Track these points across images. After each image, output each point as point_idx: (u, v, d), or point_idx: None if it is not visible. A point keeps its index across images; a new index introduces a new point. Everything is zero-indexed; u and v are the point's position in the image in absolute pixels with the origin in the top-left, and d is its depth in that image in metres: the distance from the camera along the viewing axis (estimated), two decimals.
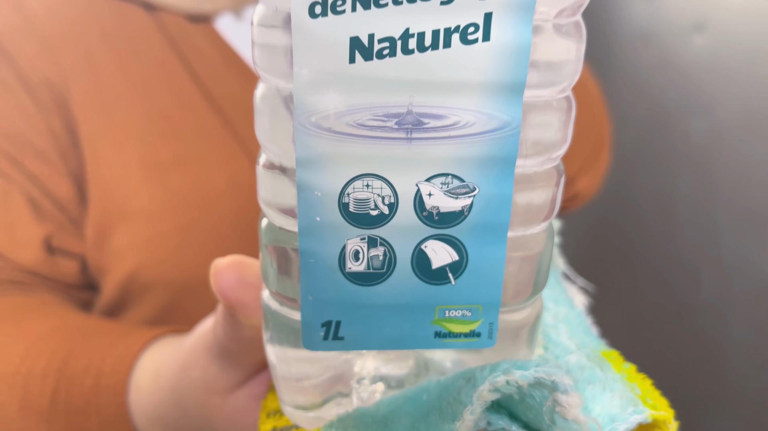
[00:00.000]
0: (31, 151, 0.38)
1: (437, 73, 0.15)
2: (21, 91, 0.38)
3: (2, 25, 0.39)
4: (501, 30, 0.15)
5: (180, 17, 0.42)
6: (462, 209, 0.17)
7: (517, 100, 0.16)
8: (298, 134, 0.16)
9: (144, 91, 0.39)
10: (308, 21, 0.15)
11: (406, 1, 0.15)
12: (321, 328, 0.18)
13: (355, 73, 0.15)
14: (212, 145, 0.40)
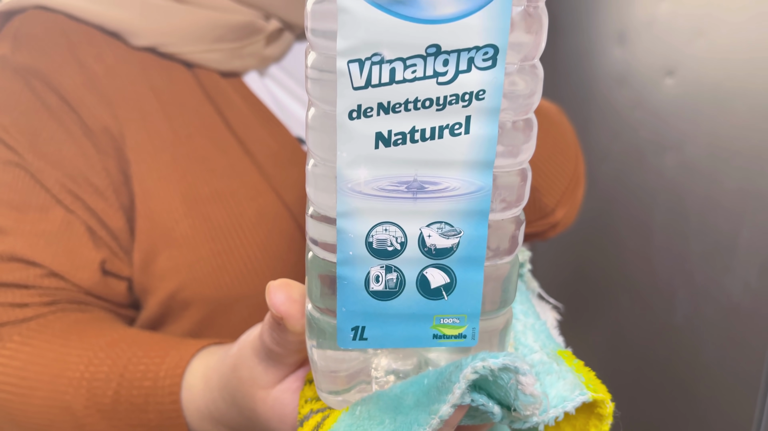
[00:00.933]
0: (91, 189, 0.45)
1: (434, 155, 0.22)
2: (83, 139, 0.45)
3: (68, 82, 0.45)
4: (477, 127, 0.22)
5: (214, 73, 0.49)
6: (452, 246, 0.24)
7: (489, 172, 0.23)
8: (340, 195, 0.23)
9: (186, 136, 0.46)
10: (347, 122, 0.22)
11: (413, 109, 0.22)
12: (351, 331, 0.25)
13: (378, 155, 0.22)
14: (243, 182, 0.46)
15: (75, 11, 0.46)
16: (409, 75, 0.21)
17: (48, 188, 0.44)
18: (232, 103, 0.48)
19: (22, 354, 0.41)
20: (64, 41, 0.46)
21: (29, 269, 0.43)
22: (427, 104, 0.22)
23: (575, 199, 0.60)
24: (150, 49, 0.47)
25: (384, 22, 0.21)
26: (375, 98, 0.22)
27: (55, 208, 0.44)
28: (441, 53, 0.21)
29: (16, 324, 0.43)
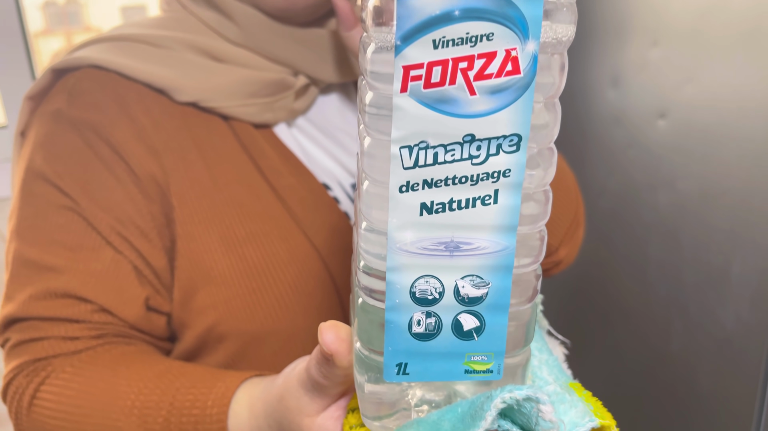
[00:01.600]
0: (137, 232, 0.49)
1: (468, 221, 0.27)
2: (131, 186, 0.50)
3: (119, 134, 0.50)
4: (503, 198, 0.27)
5: (249, 125, 0.54)
6: (482, 295, 0.28)
7: (513, 235, 0.28)
8: (390, 253, 0.28)
9: (224, 183, 0.51)
10: (398, 194, 0.27)
11: (451, 184, 0.27)
12: (395, 367, 0.29)
13: (422, 221, 0.27)
14: (276, 225, 0.51)
15: (126, 70, 0.51)
16: (449, 158, 0.26)
17: (99, 230, 0.48)
18: (265, 152, 0.53)
19: (75, 384, 0.46)
20: (115, 97, 0.51)
21: (81, 305, 0.48)
22: (463, 180, 0.27)
23: (576, 239, 0.65)
24: (192, 104, 0.52)
25: (429, 117, 0.26)
26: (421, 176, 0.26)
27: (105, 248, 0.49)
28: (475, 140, 0.26)
29: (68, 356, 0.47)
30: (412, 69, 0.25)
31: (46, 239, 0.48)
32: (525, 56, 0.25)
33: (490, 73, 0.25)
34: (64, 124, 0.50)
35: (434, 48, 0.25)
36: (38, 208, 0.49)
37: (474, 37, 0.25)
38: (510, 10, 0.24)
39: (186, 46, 0.53)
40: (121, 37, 0.54)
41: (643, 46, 1.02)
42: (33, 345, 0.47)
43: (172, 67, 0.52)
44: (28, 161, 0.50)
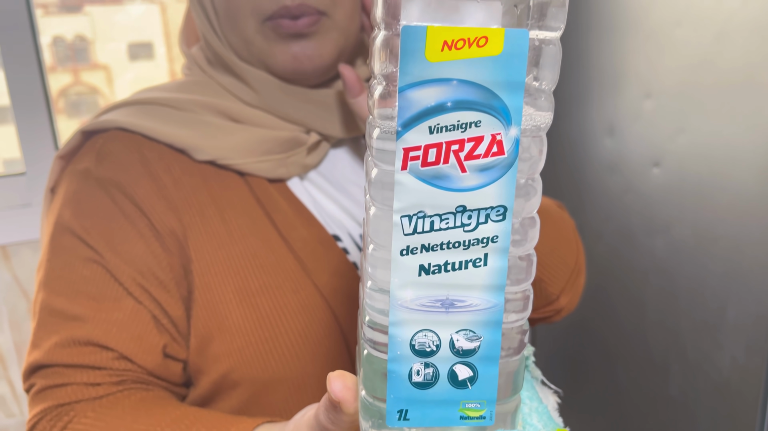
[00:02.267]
0: (157, 283, 0.53)
1: (461, 281, 0.31)
2: (152, 240, 0.53)
3: (142, 192, 0.54)
4: (492, 261, 0.31)
5: (263, 180, 0.58)
6: (475, 348, 0.32)
7: (501, 293, 0.31)
8: (392, 309, 0.31)
9: (239, 236, 0.55)
10: (399, 257, 0.30)
11: (446, 248, 0.30)
12: (397, 413, 0.32)
13: (420, 281, 0.31)
14: (288, 277, 0.55)
15: (149, 132, 0.56)
16: (444, 225, 0.30)
17: (121, 282, 0.52)
18: (278, 206, 0.57)
19: (96, 429, 0.49)
20: (139, 157, 0.55)
21: (103, 353, 0.51)
22: (456, 245, 0.30)
23: (577, 287, 0.67)
24: (210, 162, 0.56)
25: (426, 191, 0.29)
26: (419, 241, 0.30)
27: (127, 299, 0.52)
28: (466, 211, 0.30)
29: (89, 402, 0.50)
30: (411, 151, 0.29)
31: (72, 290, 0.52)
32: (508, 140, 0.29)
33: (478, 154, 0.29)
34: (92, 183, 0.54)
35: (430, 133, 0.29)
36: (66, 261, 0.53)
37: (464, 124, 0.28)
38: (495, 101, 0.28)
39: (205, 108, 0.58)
40: (146, 100, 0.58)
41: (637, 97, 1.07)
42: (57, 391, 0.50)
43: (192, 128, 0.57)
44: (58, 216, 0.54)
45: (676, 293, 1.05)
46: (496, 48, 0.28)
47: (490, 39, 0.28)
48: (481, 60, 0.28)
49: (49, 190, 0.58)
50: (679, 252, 1.03)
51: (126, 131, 0.56)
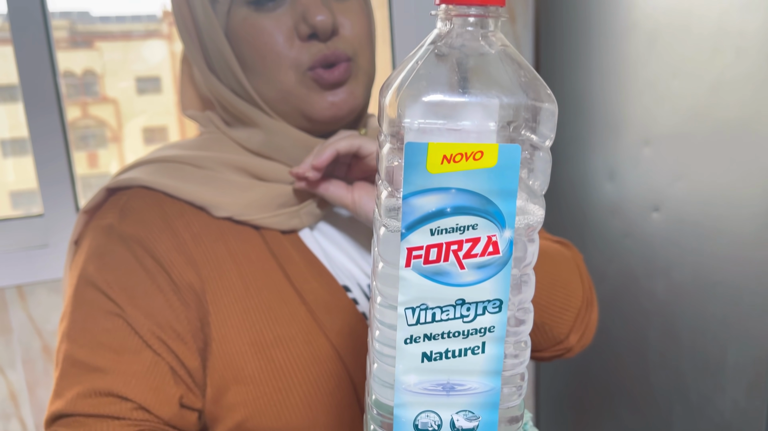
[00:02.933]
0: (174, 335, 0.55)
1: (461, 367, 0.33)
2: (171, 294, 0.56)
3: (162, 248, 0.57)
4: (489, 349, 0.33)
5: (277, 232, 0.61)
6: (473, 427, 0.34)
7: (498, 378, 0.34)
8: (396, 392, 0.34)
9: (254, 290, 0.57)
10: (404, 346, 0.33)
11: (447, 337, 0.33)
12: None
13: (423, 367, 0.33)
14: (300, 329, 0.57)
15: (170, 190, 0.59)
16: (444, 317, 0.33)
17: (141, 335, 0.55)
18: (291, 258, 0.60)
19: None
20: (160, 214, 0.58)
21: (122, 403, 0.53)
22: (456, 335, 0.33)
23: (589, 323, 0.68)
24: (228, 218, 0.59)
25: (428, 286, 0.32)
26: (422, 331, 0.33)
27: (146, 351, 0.54)
28: (465, 304, 0.32)
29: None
30: (414, 250, 0.32)
31: (94, 342, 0.54)
32: (503, 240, 0.32)
33: (475, 253, 0.32)
34: (115, 238, 0.57)
35: (431, 235, 0.31)
36: (88, 313, 0.55)
37: (462, 227, 0.31)
38: (490, 207, 0.31)
39: (224, 165, 0.61)
40: (167, 158, 0.61)
41: (637, 144, 1.09)
42: None
43: (211, 186, 0.60)
44: (81, 269, 0.57)
45: (678, 335, 1.07)
46: (490, 161, 0.31)
47: (485, 153, 0.31)
48: (478, 171, 0.31)
49: (73, 242, 0.61)
50: (680, 295, 1.05)
51: (148, 189, 0.59)
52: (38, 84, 1.12)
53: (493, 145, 0.30)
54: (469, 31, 0.32)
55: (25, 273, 1.14)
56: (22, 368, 1.19)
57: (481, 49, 0.32)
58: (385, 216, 0.33)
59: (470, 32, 0.32)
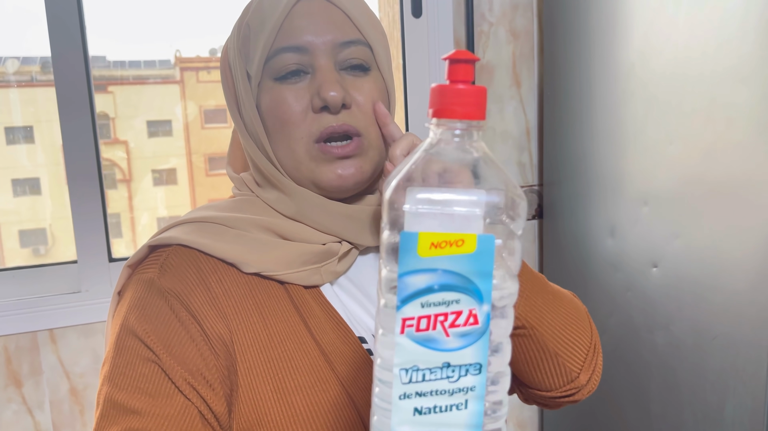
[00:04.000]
0: (204, 382, 0.61)
1: (447, 421, 0.39)
2: (203, 344, 0.62)
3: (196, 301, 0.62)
4: (471, 406, 0.39)
5: (300, 287, 0.67)
6: None
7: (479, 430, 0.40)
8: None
9: (278, 341, 0.63)
10: (398, 401, 0.39)
11: (435, 395, 0.39)
12: None
13: (415, 419, 0.39)
14: (319, 377, 0.62)
15: (205, 248, 0.65)
16: (433, 377, 0.39)
17: (174, 381, 0.60)
18: (312, 311, 0.66)
19: None
20: (195, 270, 0.65)
21: None
22: (442, 393, 0.39)
23: (596, 366, 0.73)
24: (256, 274, 0.66)
25: (419, 350, 0.38)
26: (414, 389, 0.39)
27: (178, 396, 0.60)
28: (450, 366, 0.39)
29: None
30: (407, 320, 0.38)
31: (132, 386, 0.60)
32: (482, 313, 0.38)
33: (459, 323, 0.38)
34: (155, 291, 0.64)
35: (422, 307, 0.38)
36: (128, 360, 0.61)
37: (447, 301, 0.38)
38: (470, 285, 0.38)
39: (253, 226, 0.68)
40: (202, 219, 0.69)
41: (636, 203, 1.15)
42: None
43: (241, 245, 0.66)
44: (123, 319, 0.63)
45: (678, 386, 1.10)
46: (470, 247, 0.37)
47: (466, 241, 0.37)
48: (460, 256, 0.37)
49: (117, 293, 0.68)
50: (679, 348, 1.09)
51: (185, 247, 0.66)
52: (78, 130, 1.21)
53: (472, 234, 0.37)
54: (456, 141, 0.38)
55: (57, 317, 1.21)
56: (50, 409, 1.25)
57: (467, 154, 0.39)
58: (385, 291, 0.39)
59: (457, 141, 0.39)
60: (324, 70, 0.64)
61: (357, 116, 0.66)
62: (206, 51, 1.64)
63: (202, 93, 1.72)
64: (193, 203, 1.69)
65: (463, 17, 1.42)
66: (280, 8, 0.65)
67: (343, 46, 0.65)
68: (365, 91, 0.66)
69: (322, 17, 0.65)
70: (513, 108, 1.53)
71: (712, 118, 0.99)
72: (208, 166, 1.74)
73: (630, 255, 1.18)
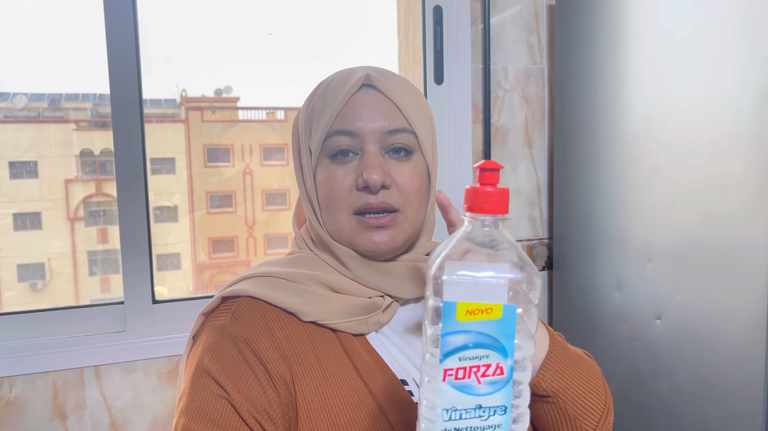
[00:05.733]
0: (267, 417, 0.70)
1: None
2: (267, 383, 0.72)
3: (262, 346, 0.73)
4: None
5: (350, 335, 0.77)
6: None
7: None
8: None
9: (332, 381, 0.73)
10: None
11: (470, 430, 0.50)
12: None
13: None
14: (368, 413, 0.72)
15: (270, 299, 0.76)
16: (468, 416, 0.49)
17: (241, 415, 0.70)
18: (360, 356, 0.76)
19: None
20: (261, 319, 0.75)
21: None
22: (475, 428, 0.49)
23: (608, 423, 0.81)
24: (312, 322, 0.76)
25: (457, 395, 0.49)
26: (453, 425, 0.49)
27: (244, 428, 0.70)
28: (482, 408, 0.49)
29: None
30: (448, 370, 0.49)
31: (205, 418, 0.70)
32: (506, 366, 0.49)
33: (488, 374, 0.49)
34: (226, 337, 0.74)
35: (459, 361, 0.49)
36: (202, 396, 0.71)
37: (479, 356, 0.49)
38: (498, 344, 0.49)
39: (310, 280, 0.79)
40: (267, 274, 0.80)
41: (641, 260, 1.26)
42: None
43: (300, 297, 0.77)
44: (198, 360, 0.73)
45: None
46: (497, 314, 0.48)
47: (494, 310, 0.48)
48: (489, 321, 0.48)
49: (192, 337, 0.79)
50: (682, 396, 1.18)
51: (253, 298, 0.77)
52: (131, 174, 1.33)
53: (499, 305, 0.48)
54: (485, 230, 0.50)
55: (103, 355, 1.31)
56: None
57: (494, 240, 0.50)
58: (430, 346, 0.50)
59: (486, 230, 0.50)
60: (370, 155, 0.76)
61: (395, 195, 0.77)
62: (211, 91, 1.67)
63: (206, 132, 1.74)
64: (193, 240, 1.74)
65: (481, 84, 1.56)
66: (341, 96, 0.77)
67: (391, 133, 0.77)
68: (405, 173, 0.78)
69: (375, 107, 0.77)
70: (525, 167, 1.66)
71: (710, 186, 1.10)
72: (209, 204, 1.74)
73: (635, 307, 1.28)
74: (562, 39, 1.50)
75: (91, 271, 1.60)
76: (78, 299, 1.63)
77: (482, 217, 0.50)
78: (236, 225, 1.77)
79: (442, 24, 1.45)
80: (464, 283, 0.49)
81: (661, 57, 1.20)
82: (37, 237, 1.53)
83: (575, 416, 0.76)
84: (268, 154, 1.77)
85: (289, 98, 1.71)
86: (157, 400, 1.37)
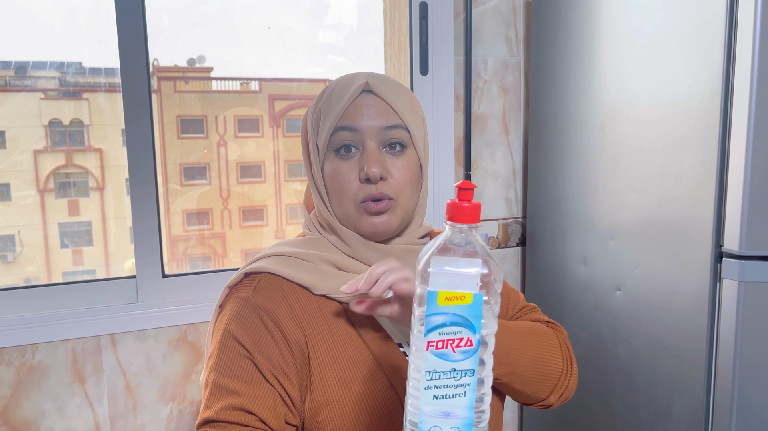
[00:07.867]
0: (284, 375, 0.83)
1: (453, 404, 0.66)
2: (284, 346, 0.84)
3: (280, 314, 0.85)
4: (468, 394, 0.66)
5: None
6: None
7: (472, 412, 0.66)
8: (420, 415, 0.66)
9: (340, 344, 0.84)
10: (424, 390, 0.66)
11: (447, 388, 0.66)
12: None
13: (434, 402, 0.66)
14: (369, 369, 0.84)
15: (286, 275, 0.89)
16: (445, 377, 0.65)
17: (262, 372, 0.83)
18: (363, 323, 0.88)
19: None
20: (279, 292, 0.88)
21: (249, 416, 0.80)
22: (450, 386, 0.65)
23: (568, 386, 0.94)
24: (323, 295, 0.89)
25: (437, 361, 0.65)
26: (433, 384, 0.65)
27: (264, 383, 0.82)
28: (456, 371, 0.65)
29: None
30: (430, 342, 0.64)
31: (232, 374, 0.83)
32: (475, 339, 0.64)
33: (461, 345, 0.64)
34: (249, 306, 0.86)
35: (439, 335, 0.64)
36: (229, 356, 0.84)
37: (454, 332, 0.64)
38: (468, 323, 0.64)
39: (320, 260, 0.91)
40: (283, 253, 0.92)
41: (604, 238, 1.41)
42: None
43: (312, 274, 0.89)
44: (225, 326, 0.86)
45: (636, 389, 1.33)
46: (468, 300, 0.64)
47: (466, 297, 0.64)
48: (462, 305, 0.64)
49: (218, 306, 0.91)
50: (637, 358, 1.32)
51: (272, 274, 0.88)
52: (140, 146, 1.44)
53: (470, 293, 0.64)
54: (462, 235, 0.65)
55: (118, 324, 1.41)
56: (107, 403, 1.43)
57: (469, 244, 0.65)
58: (417, 323, 0.66)
59: (462, 236, 0.65)
60: (369, 150, 0.88)
61: (391, 185, 0.89)
62: (184, 61, 1.63)
63: (179, 102, 1.70)
64: (167, 213, 1.65)
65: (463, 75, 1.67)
66: (344, 100, 0.89)
67: (387, 129, 0.89)
68: (400, 167, 0.89)
69: (373, 107, 0.88)
70: (502, 152, 1.78)
71: (665, 174, 1.23)
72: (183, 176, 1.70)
73: (599, 280, 1.41)
74: (538, 33, 1.62)
75: (62, 243, 1.61)
76: (49, 272, 1.61)
77: (460, 226, 0.65)
78: (211, 198, 1.73)
79: (428, 19, 1.57)
80: (444, 275, 0.64)
81: (626, 55, 1.33)
82: (7, 209, 1.51)
83: (524, 391, 0.88)
84: (242, 126, 1.74)
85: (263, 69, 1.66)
86: (167, 365, 1.47)
